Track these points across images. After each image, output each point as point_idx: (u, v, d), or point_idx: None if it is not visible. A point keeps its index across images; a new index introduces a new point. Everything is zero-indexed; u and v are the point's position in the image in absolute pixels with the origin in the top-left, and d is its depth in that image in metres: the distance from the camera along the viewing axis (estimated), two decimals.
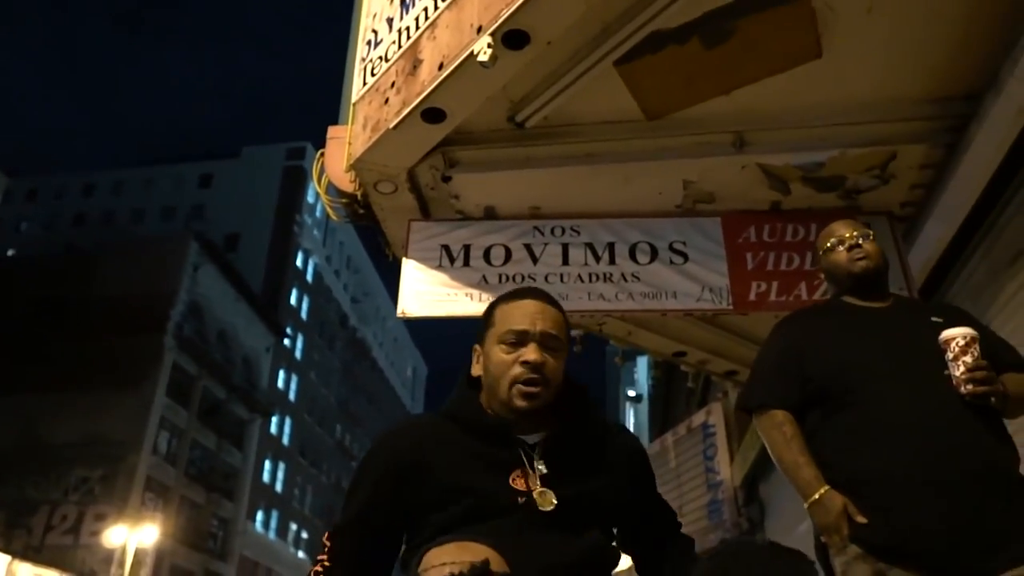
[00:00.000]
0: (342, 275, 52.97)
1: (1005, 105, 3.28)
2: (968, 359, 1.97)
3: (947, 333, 2.03)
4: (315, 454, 46.52)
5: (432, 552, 1.13)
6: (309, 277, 47.28)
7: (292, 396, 43.87)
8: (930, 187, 3.88)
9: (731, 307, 3.82)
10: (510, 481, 1.30)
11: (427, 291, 3.95)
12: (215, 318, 35.14)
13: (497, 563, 1.08)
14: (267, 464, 40.69)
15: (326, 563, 1.32)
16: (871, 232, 2.35)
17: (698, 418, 11.71)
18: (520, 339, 1.34)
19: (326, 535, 1.37)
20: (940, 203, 3.82)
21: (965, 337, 2.00)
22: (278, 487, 42.00)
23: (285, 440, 43.05)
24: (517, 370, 1.32)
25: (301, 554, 44.11)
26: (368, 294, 56.19)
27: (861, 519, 1.95)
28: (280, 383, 42.37)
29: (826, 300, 2.56)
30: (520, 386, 1.32)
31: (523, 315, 1.37)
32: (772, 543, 1.12)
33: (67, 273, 32.85)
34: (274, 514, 41.34)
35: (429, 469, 1.32)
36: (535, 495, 1.28)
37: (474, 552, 1.08)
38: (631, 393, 22.41)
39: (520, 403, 1.32)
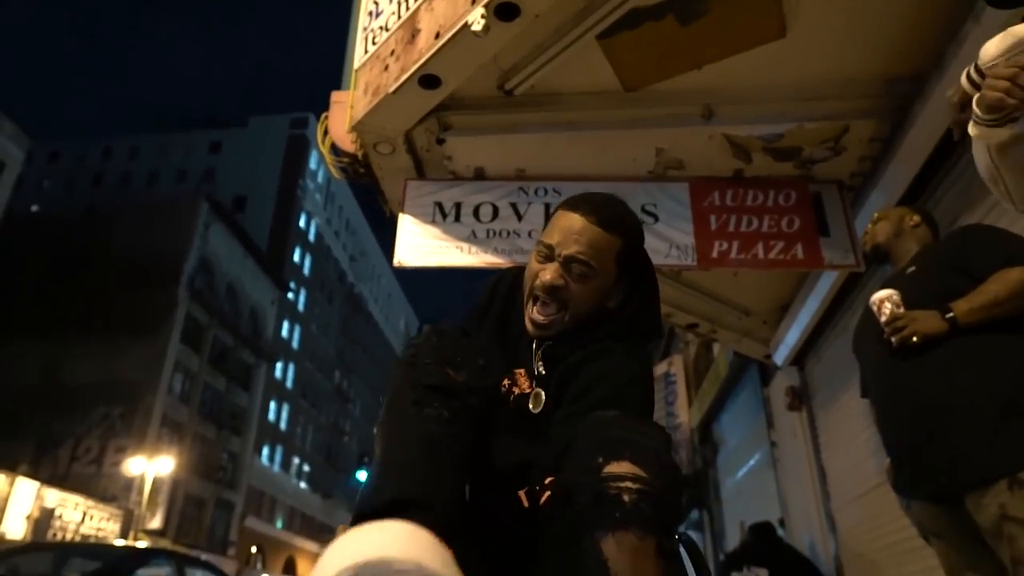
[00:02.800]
0: (341, 236, 52.56)
1: (947, 87, 3.27)
2: (882, 318, 2.04)
3: (872, 299, 2.11)
4: (315, 397, 46.65)
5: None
6: (311, 237, 46.88)
7: (295, 345, 43.82)
8: (877, 160, 3.89)
9: (695, 263, 3.83)
10: (511, 375, 1.20)
11: (421, 244, 3.93)
12: (224, 273, 34.85)
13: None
14: (272, 405, 40.79)
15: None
16: (883, 214, 2.41)
17: (660, 368, 11.81)
18: (547, 255, 1.18)
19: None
20: (885, 175, 3.83)
21: (875, 302, 2.09)
22: (282, 426, 42.18)
23: (288, 384, 43.10)
24: (535, 283, 1.18)
25: (303, 484, 44.51)
26: (364, 254, 55.91)
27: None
28: (284, 333, 42.29)
29: None
30: (532, 304, 1.19)
31: (560, 229, 1.18)
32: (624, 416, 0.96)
33: (87, 230, 32.35)
34: (278, 449, 41.58)
35: (503, 312, 1.31)
36: (531, 396, 1.17)
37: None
38: None
39: (530, 327, 1.20)
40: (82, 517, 25.27)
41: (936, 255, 2.14)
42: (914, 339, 1.95)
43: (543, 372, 1.18)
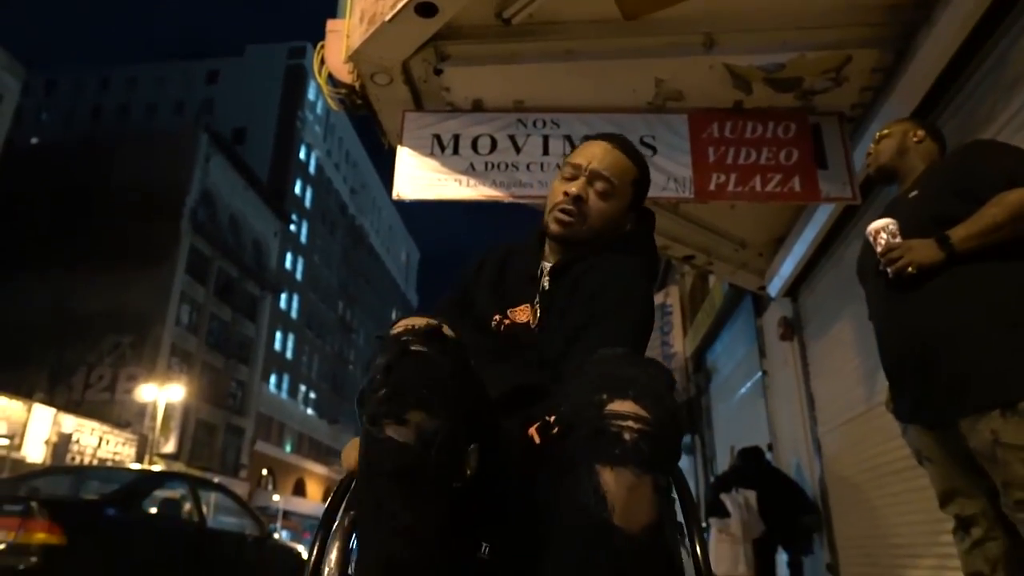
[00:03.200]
0: (341, 168, 51.95)
1: (952, 15, 3.16)
2: (878, 248, 2.01)
3: (868, 229, 2.07)
4: (319, 327, 47.09)
5: (393, 326, 1.07)
6: (311, 169, 46.35)
7: (298, 276, 43.95)
8: (878, 90, 3.80)
9: (693, 196, 3.80)
10: (511, 303, 1.28)
11: (420, 176, 3.88)
12: (226, 205, 34.63)
13: (450, 330, 1.03)
14: (278, 335, 41.21)
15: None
16: (888, 130, 2.31)
17: (657, 299, 11.87)
18: (574, 173, 1.28)
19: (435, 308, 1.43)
20: (886, 105, 3.74)
21: (871, 232, 2.05)
22: (288, 355, 42.73)
23: (293, 314, 43.43)
24: (559, 197, 1.27)
25: (310, 411, 45.46)
26: (365, 186, 55.35)
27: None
28: (287, 264, 42.34)
29: None
30: (557, 212, 1.27)
31: (585, 152, 1.30)
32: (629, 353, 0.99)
33: (88, 163, 31.94)
34: (285, 378, 42.25)
35: (498, 271, 1.36)
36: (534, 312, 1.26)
37: (427, 320, 1.03)
38: None
39: (552, 227, 1.27)
40: (98, 442, 25.91)
41: (938, 177, 2.09)
42: (910, 270, 1.93)
43: (547, 288, 1.26)
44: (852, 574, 5.15)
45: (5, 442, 19.97)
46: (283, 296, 41.51)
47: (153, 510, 5.17)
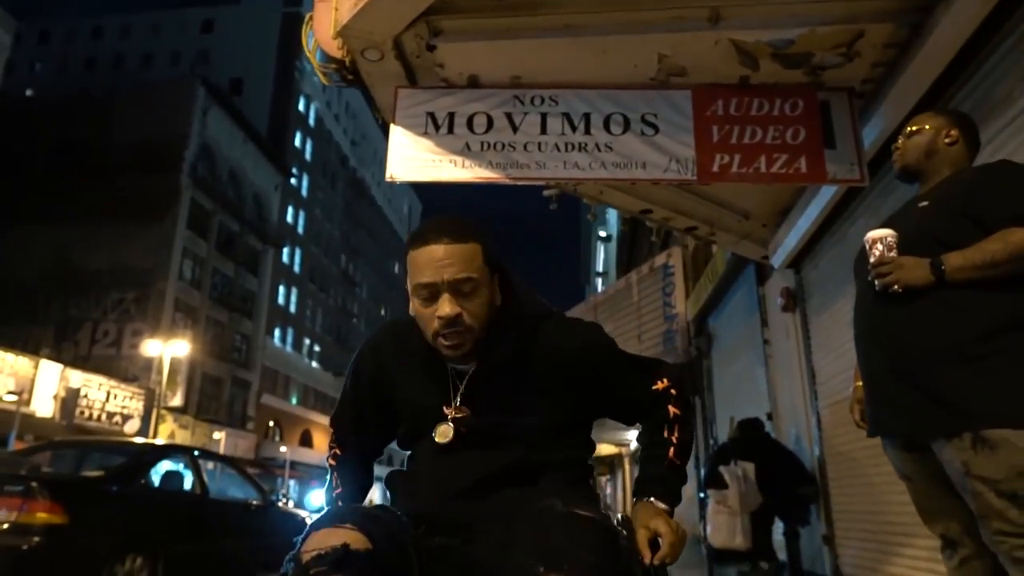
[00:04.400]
0: (341, 119, 51.21)
1: None
2: (872, 259, 1.96)
3: (866, 236, 2.01)
4: (322, 280, 47.16)
5: (309, 538, 1.07)
6: (311, 121, 45.71)
7: (300, 230, 43.78)
8: (891, 66, 3.63)
9: (695, 178, 3.68)
10: (443, 411, 1.27)
11: (414, 156, 3.76)
12: (225, 158, 34.27)
13: (359, 542, 1.04)
14: (281, 289, 41.31)
15: (337, 451, 1.39)
16: (918, 126, 2.16)
17: (659, 259, 11.80)
18: (431, 293, 1.18)
19: (330, 420, 1.43)
20: (899, 82, 3.59)
21: (868, 240, 1.99)
22: (292, 308, 42.91)
23: (296, 268, 43.45)
24: (435, 324, 1.19)
25: (314, 364, 45.89)
26: (365, 137, 54.63)
27: (857, 414, 2.24)
28: (289, 218, 42.15)
29: None
30: (441, 340, 1.20)
31: (427, 265, 1.18)
32: None
33: (84, 115, 31.50)
34: (289, 331, 42.52)
35: (393, 381, 1.33)
36: (437, 430, 1.26)
37: (339, 537, 1.04)
38: (602, 234, 22.46)
39: (448, 353, 1.23)
40: (106, 396, 26.25)
41: (952, 193, 2.00)
42: (896, 288, 1.88)
43: (459, 404, 1.27)
44: (848, 547, 5.20)
45: (14, 398, 20.18)
46: (285, 250, 41.44)
47: (155, 484, 5.21)
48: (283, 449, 38.27)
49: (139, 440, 6.32)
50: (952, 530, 1.97)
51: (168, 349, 24.88)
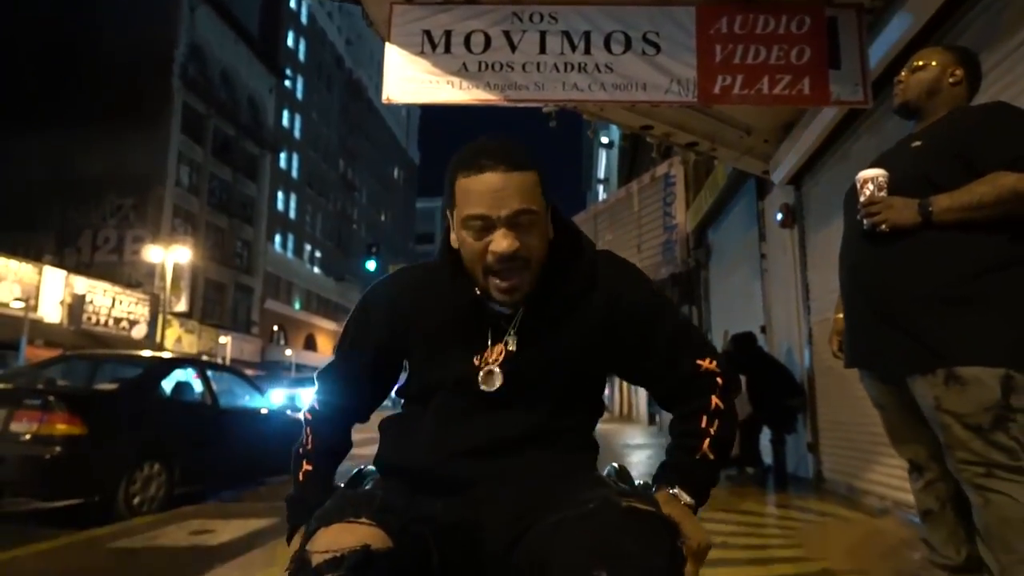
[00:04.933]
0: (335, 17, 49.15)
1: None
2: (861, 198, 1.99)
3: (858, 175, 2.03)
4: (321, 186, 46.73)
5: (317, 536, 0.93)
6: (303, 19, 43.93)
7: (296, 134, 43.00)
8: None
9: (696, 99, 3.62)
10: (474, 359, 1.10)
11: (410, 77, 3.69)
12: (216, 59, 33.20)
13: (379, 541, 0.91)
14: (279, 195, 41.01)
15: (317, 407, 1.21)
16: (924, 61, 2.13)
17: (661, 169, 11.68)
18: (486, 225, 1.02)
19: (317, 374, 1.23)
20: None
21: (859, 180, 2.01)
22: (291, 214, 42.75)
23: (294, 174, 42.98)
24: (489, 260, 1.03)
25: (316, 269, 46.19)
26: (361, 37, 52.59)
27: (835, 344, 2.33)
28: (284, 122, 41.30)
29: None
30: (495, 280, 1.04)
31: (483, 195, 1.02)
32: None
33: (69, 19, 30.24)
34: (290, 237, 42.55)
35: (412, 327, 1.15)
36: (481, 375, 1.08)
37: (356, 536, 0.90)
38: (604, 140, 22.07)
39: (501, 297, 1.06)
40: (112, 302, 26.62)
41: (947, 134, 2.00)
42: (883, 227, 1.93)
43: (515, 349, 1.10)
44: (830, 454, 5.47)
45: (21, 304, 20.48)
46: (282, 155, 40.85)
47: (167, 395, 5.41)
48: (288, 353, 39.16)
49: (149, 353, 6.48)
50: (920, 456, 2.10)
51: (170, 255, 25.02)
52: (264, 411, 6.48)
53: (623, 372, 1.19)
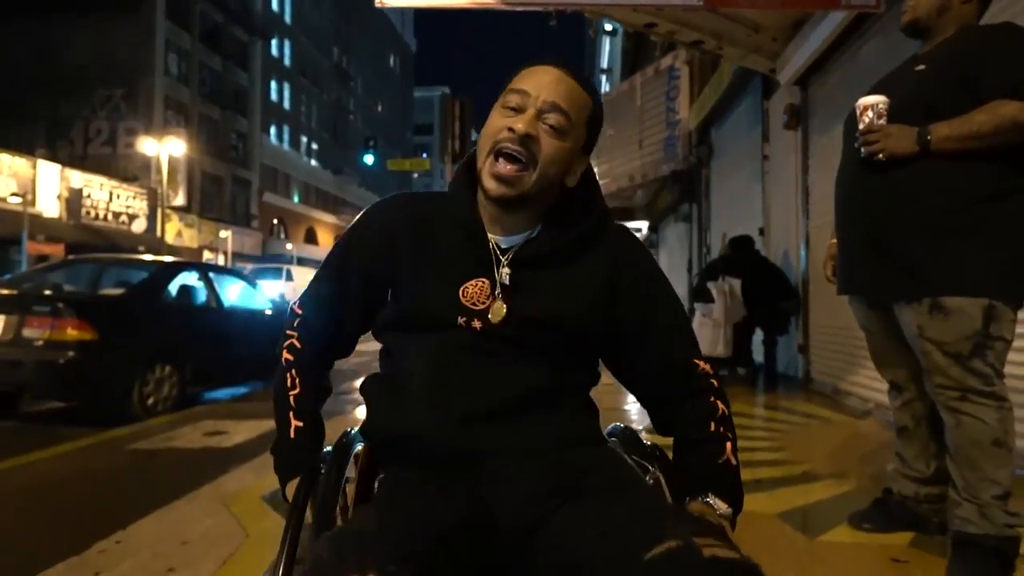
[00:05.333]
0: None
1: None
2: (860, 125, 1.97)
3: (858, 102, 2.00)
4: (315, 74, 45.22)
5: None
6: None
7: (287, 19, 41.17)
8: None
9: (702, 3, 3.48)
10: (460, 291, 0.99)
11: None
12: None
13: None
14: (272, 84, 39.78)
15: (297, 343, 1.06)
16: None
17: (665, 61, 11.32)
18: (520, 103, 0.97)
19: (294, 303, 1.11)
20: None
21: (859, 107, 1.99)
22: (285, 105, 41.64)
23: (286, 62, 41.49)
24: (502, 135, 0.96)
25: (313, 162, 45.52)
26: None
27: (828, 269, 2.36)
28: (274, 6, 39.48)
29: None
30: (495, 161, 0.96)
31: (532, 77, 0.99)
32: None
33: None
34: (285, 129, 41.64)
35: (404, 250, 1.03)
36: (491, 308, 0.98)
37: None
38: (607, 27, 21.13)
39: (490, 185, 0.97)
40: (109, 196, 26.43)
41: (951, 58, 1.95)
42: (880, 156, 1.92)
43: (507, 282, 1.00)
44: (819, 356, 5.64)
45: (18, 200, 20.36)
46: (273, 42, 39.26)
47: (173, 298, 5.51)
48: (289, 246, 39.28)
49: (152, 257, 6.52)
50: (900, 377, 2.19)
51: (164, 148, 24.61)
52: (268, 311, 6.61)
53: (615, 357, 1.09)
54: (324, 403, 1.09)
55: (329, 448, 1.04)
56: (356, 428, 1.08)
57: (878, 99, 1.96)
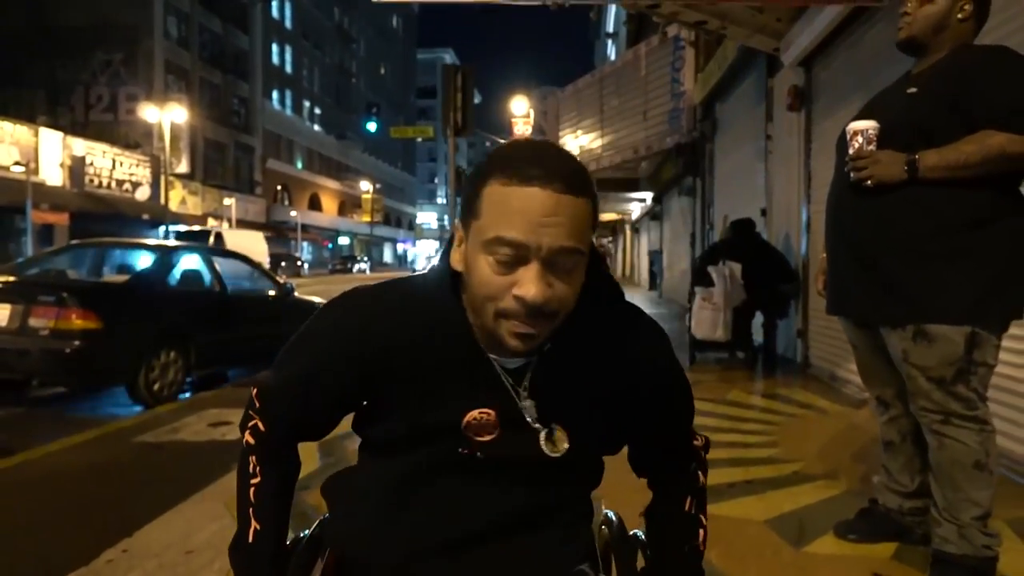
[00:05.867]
0: None
1: None
2: (850, 150, 1.99)
3: (848, 126, 2.02)
4: (317, 37, 44.63)
5: None
6: None
7: None
8: None
9: None
10: (464, 421, 0.88)
11: None
12: None
13: None
14: (274, 47, 39.33)
15: (261, 426, 0.94)
16: None
17: (671, 30, 11.14)
18: (518, 256, 0.79)
19: (255, 391, 0.97)
20: None
21: (849, 131, 2.00)
22: (287, 69, 41.21)
23: (287, 23, 40.94)
24: (509, 303, 0.80)
25: (316, 127, 45.18)
26: None
27: (820, 283, 2.37)
28: None
29: None
30: (509, 323, 0.81)
31: (525, 217, 0.78)
32: None
33: None
34: (287, 93, 41.28)
35: (395, 367, 0.89)
36: (542, 438, 0.88)
37: None
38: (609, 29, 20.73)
39: (512, 343, 0.82)
40: (112, 164, 26.38)
41: (944, 81, 1.94)
42: (868, 183, 1.95)
43: (536, 414, 0.90)
44: (818, 341, 5.67)
45: (21, 169, 20.34)
46: (274, 3, 38.70)
47: (176, 284, 5.56)
48: (293, 213, 39.23)
49: (154, 241, 6.54)
50: (886, 394, 2.24)
51: (166, 115, 24.44)
52: (271, 293, 6.66)
53: (614, 444, 1.01)
54: (293, 485, 0.98)
55: (301, 534, 0.98)
56: (320, 524, 1.00)
57: (868, 124, 1.96)
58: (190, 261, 5.84)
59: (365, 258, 45.47)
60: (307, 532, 0.99)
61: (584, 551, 0.97)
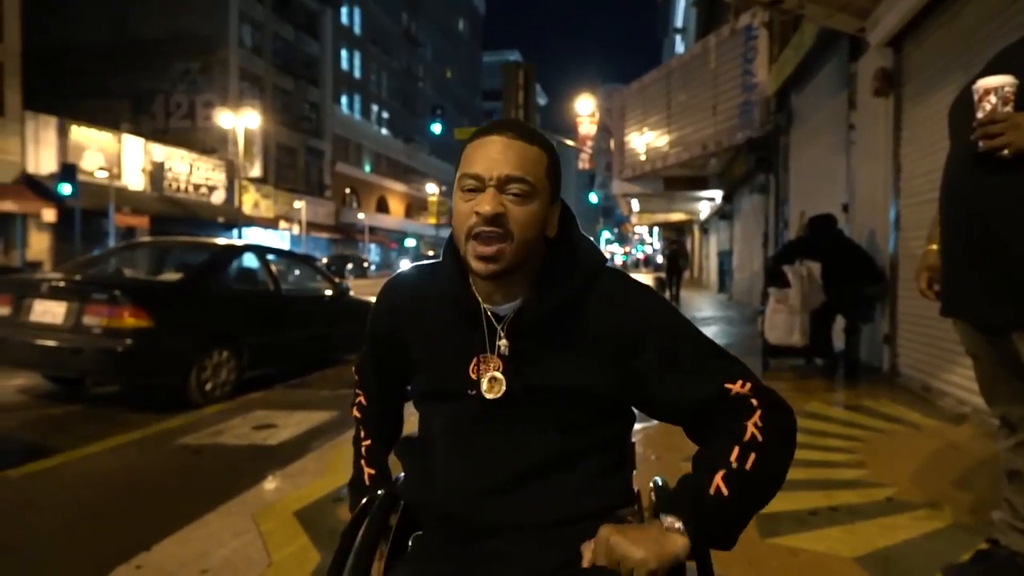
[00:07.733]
0: None
1: None
2: (979, 113, 1.61)
3: (976, 84, 1.62)
4: (385, 42, 45.38)
5: None
6: None
7: None
8: None
9: None
10: (470, 367, 1.03)
11: None
12: None
13: None
14: (343, 53, 40.18)
15: (362, 400, 1.24)
16: None
17: (743, 20, 10.64)
18: (477, 185, 0.97)
19: (353, 368, 1.28)
20: None
21: (978, 90, 1.62)
22: (356, 73, 42.03)
23: (356, 29, 41.78)
24: (472, 221, 0.96)
25: (384, 131, 45.93)
26: None
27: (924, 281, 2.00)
28: None
29: None
30: (474, 243, 0.96)
31: (481, 156, 0.98)
32: None
33: None
34: (356, 98, 42.08)
35: (409, 328, 1.11)
36: (484, 382, 1.01)
37: None
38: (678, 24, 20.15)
39: (476, 265, 0.97)
40: (189, 169, 27.40)
41: None
42: (1005, 152, 1.57)
43: (506, 354, 1.02)
44: (908, 348, 5.14)
45: (105, 174, 21.29)
46: (343, 10, 39.56)
47: (230, 283, 5.51)
48: (360, 216, 39.92)
49: (213, 240, 6.55)
50: (1013, 414, 1.85)
51: (240, 121, 25.17)
52: (328, 293, 6.57)
53: (640, 403, 1.04)
54: (397, 438, 1.24)
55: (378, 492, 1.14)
56: (395, 481, 1.17)
57: (1004, 80, 1.59)
58: (245, 260, 5.80)
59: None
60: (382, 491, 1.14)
61: (621, 493, 1.06)
